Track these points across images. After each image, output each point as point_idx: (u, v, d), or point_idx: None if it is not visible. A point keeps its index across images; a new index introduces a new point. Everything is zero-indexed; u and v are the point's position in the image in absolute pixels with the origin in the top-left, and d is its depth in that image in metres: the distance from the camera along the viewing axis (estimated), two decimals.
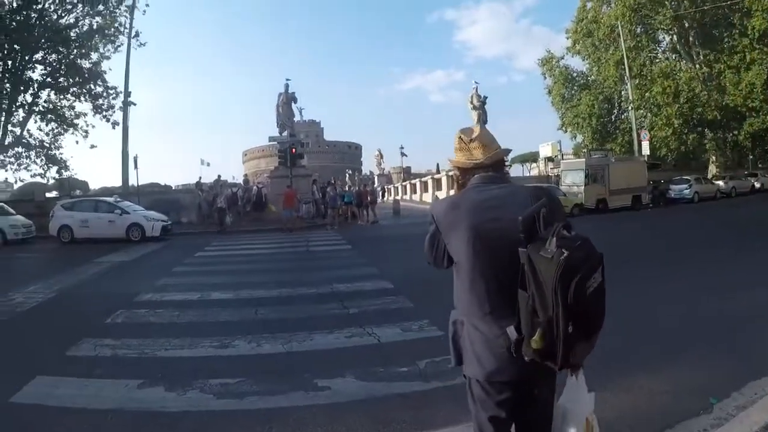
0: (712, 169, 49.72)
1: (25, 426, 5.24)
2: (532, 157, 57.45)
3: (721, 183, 43.30)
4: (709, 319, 8.17)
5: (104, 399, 5.70)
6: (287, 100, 36.88)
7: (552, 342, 2.23)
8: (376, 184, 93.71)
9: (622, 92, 50.32)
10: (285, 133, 36.63)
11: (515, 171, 43.66)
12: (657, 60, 49.48)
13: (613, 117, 54.19)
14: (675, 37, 48.10)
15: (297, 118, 40.24)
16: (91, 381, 6.28)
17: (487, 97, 42.04)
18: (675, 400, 5.22)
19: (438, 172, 56.52)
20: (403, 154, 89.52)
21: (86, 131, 40.02)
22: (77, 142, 40.55)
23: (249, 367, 6.65)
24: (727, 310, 8.63)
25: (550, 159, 61.79)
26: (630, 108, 46.59)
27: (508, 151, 3.06)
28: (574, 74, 56.15)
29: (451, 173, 43.28)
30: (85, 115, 39.85)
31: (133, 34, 37.33)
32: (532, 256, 2.29)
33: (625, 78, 45.57)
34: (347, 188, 37.01)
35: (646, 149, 42.41)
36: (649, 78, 45.67)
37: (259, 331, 8.24)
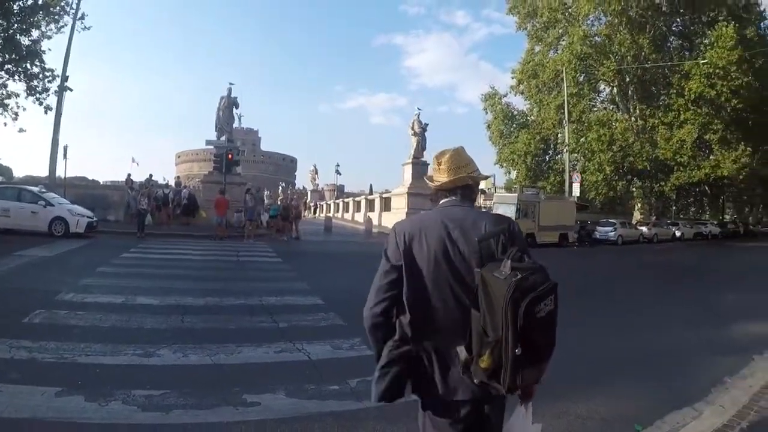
0: (637, 215, 53.37)
1: None
2: None
3: (644, 229, 46.09)
4: (634, 352, 8.56)
5: (19, 406, 5.39)
6: (228, 104, 36.34)
7: (499, 363, 2.28)
8: (308, 199, 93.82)
9: (559, 135, 51.88)
10: (223, 138, 35.94)
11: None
12: (595, 108, 52.46)
13: (547, 157, 56.50)
14: (615, 89, 51.00)
15: (236, 124, 39.71)
16: (6, 386, 5.92)
17: (428, 125, 42.28)
18: (604, 426, 5.51)
19: (371, 193, 56.94)
20: (338, 172, 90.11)
21: (16, 113, 38.14)
22: (5, 124, 38.74)
23: (175, 378, 6.43)
24: (651, 344, 9.12)
25: (482, 191, 62.85)
26: (565, 150, 47.97)
27: (481, 177, 3.04)
28: (515, 113, 58.27)
29: (393, 198, 43.85)
30: (17, 95, 37.98)
31: (79, 15, 35.90)
32: (485, 276, 2.35)
33: (564, 122, 46.95)
34: (278, 201, 36.35)
35: (576, 191, 44.08)
36: (586, 124, 48.09)
37: (185, 340, 8.01)
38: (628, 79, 49.76)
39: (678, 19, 51.40)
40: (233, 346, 7.74)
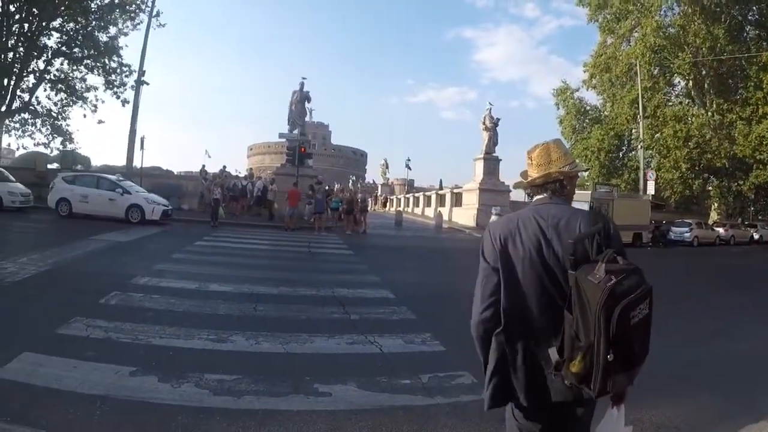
0: (713, 216, 50.44)
1: (5, 403, 4.94)
2: None
3: (721, 230, 43.65)
4: (710, 359, 8.18)
5: (93, 383, 5.43)
6: (301, 98, 36.55)
7: (590, 368, 2.22)
8: (379, 192, 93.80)
9: (633, 131, 50.09)
10: (295, 132, 36.25)
11: (518, 196, 43.42)
12: (670, 103, 49.70)
13: (621, 154, 54.14)
14: (691, 82, 48.17)
15: (307, 118, 39.96)
16: (81, 363, 5.99)
17: (499, 119, 41.63)
18: None
19: (441, 187, 56.40)
20: (408, 167, 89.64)
21: (95, 105, 39.96)
22: (85, 116, 40.69)
23: (247, 364, 6.39)
24: (727, 351, 8.71)
25: None
26: (639, 147, 46.17)
27: (573, 171, 2.91)
28: (588, 108, 56.31)
29: (464, 193, 43.38)
30: (96, 89, 39.72)
31: (154, 13, 36.82)
32: (579, 280, 2.29)
33: (638, 117, 45.33)
34: (339, 194, 36.24)
35: (651, 189, 42.39)
36: (661, 120, 45.58)
37: (258, 328, 8.00)
38: (704, 72, 47.36)
39: (754, 7, 47.77)
40: (305, 335, 7.69)
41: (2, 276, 10.55)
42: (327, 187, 33.79)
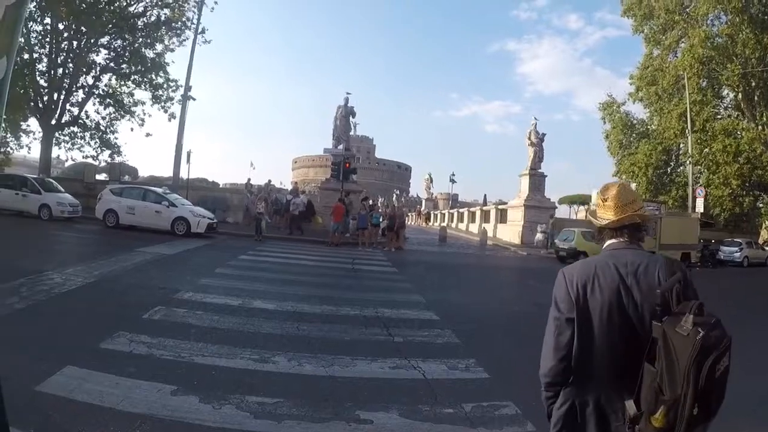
0: (764, 234, 48.56)
1: (47, 418, 4.97)
2: (581, 200, 56.23)
3: None
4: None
5: (135, 401, 5.42)
6: (345, 113, 36.85)
7: (674, 422, 2.14)
8: (423, 207, 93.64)
9: (682, 145, 48.75)
10: (340, 147, 36.65)
11: (562, 212, 42.90)
12: (719, 116, 48.04)
13: (669, 169, 52.39)
14: (740, 94, 46.57)
15: (352, 132, 40.13)
16: (123, 379, 6.00)
17: (545, 134, 41.40)
18: None
19: (485, 203, 56.07)
20: (452, 181, 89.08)
21: (143, 119, 41.31)
22: (132, 129, 41.79)
23: (288, 387, 6.31)
24: None
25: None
26: (688, 162, 44.94)
27: (649, 216, 2.90)
28: (634, 121, 54.92)
29: (509, 210, 42.96)
30: (143, 103, 41.17)
31: (199, 29, 37.93)
32: (667, 332, 2.21)
33: (687, 131, 43.91)
34: (379, 210, 36.05)
35: (700, 206, 40.72)
36: (710, 134, 44.31)
37: (300, 348, 7.92)
38: (753, 84, 45.38)
39: None
40: (348, 358, 7.59)
41: (49, 287, 10.68)
42: (371, 202, 33.75)
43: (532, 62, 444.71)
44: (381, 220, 31.39)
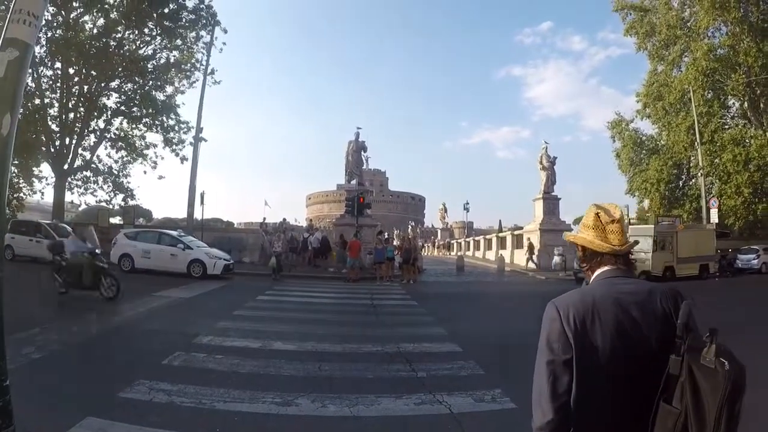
0: None
1: None
2: None
3: None
4: None
5: None
6: (357, 148, 36.84)
7: None
8: (438, 237, 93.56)
9: (692, 158, 48.44)
10: (353, 182, 36.70)
11: (574, 232, 42.68)
12: (727, 126, 48.00)
13: (681, 183, 52.39)
14: (746, 103, 46.46)
15: (364, 166, 40.19)
16: (144, 429, 5.92)
17: (556, 158, 41.27)
18: None
19: (500, 229, 55.84)
20: (466, 209, 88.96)
21: (155, 162, 41.76)
22: (145, 172, 42.21)
23: (313, 430, 6.22)
24: None
25: None
26: (699, 174, 44.58)
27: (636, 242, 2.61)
28: (644, 138, 54.85)
29: (525, 235, 42.60)
30: (155, 146, 41.61)
31: (209, 71, 38.04)
32: (692, 367, 1.96)
33: (696, 144, 43.96)
34: (394, 242, 35.74)
35: (714, 217, 40.95)
36: (719, 144, 44.24)
37: (323, 389, 7.79)
38: (758, 91, 45.30)
39: None
40: (372, 396, 7.45)
41: (66, 335, 10.74)
42: (386, 236, 33.65)
43: (539, 86, 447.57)
44: (395, 253, 31.14)
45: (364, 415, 6.72)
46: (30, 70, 34.39)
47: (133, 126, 40.95)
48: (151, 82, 39.64)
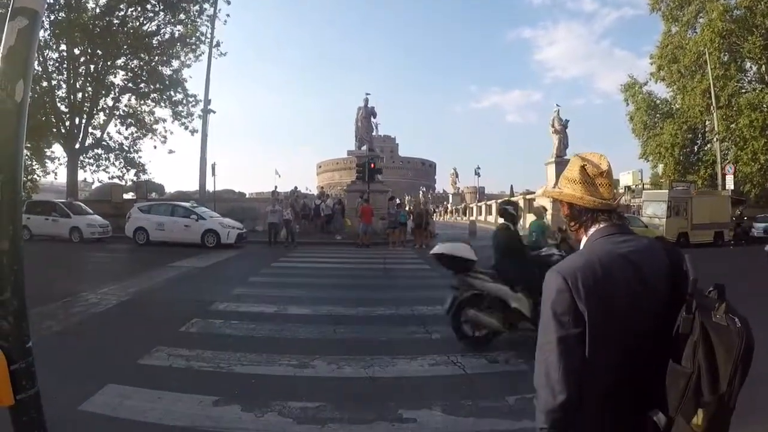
0: None
1: None
2: None
3: None
4: None
5: (178, 414, 5.43)
6: (366, 114, 36.62)
7: (719, 425, 1.84)
8: (450, 202, 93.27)
9: (707, 122, 47.50)
10: (363, 148, 36.56)
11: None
12: (744, 90, 46.66)
13: (696, 148, 51.58)
14: (764, 67, 45.29)
15: (374, 132, 39.95)
16: (165, 393, 6.01)
17: (568, 121, 40.66)
18: None
19: (512, 194, 55.53)
20: (477, 174, 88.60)
21: (165, 137, 41.88)
22: (155, 147, 42.43)
23: (330, 390, 6.28)
24: None
25: (629, 188, 59.96)
26: (715, 140, 43.93)
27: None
28: (658, 101, 53.55)
29: (533, 199, 42.23)
30: (164, 120, 41.64)
31: (214, 43, 37.73)
32: (706, 325, 1.83)
33: (712, 108, 43.07)
34: (405, 207, 35.64)
35: (730, 184, 40.27)
36: (735, 109, 43.39)
37: (339, 351, 7.90)
38: None
39: None
40: (387, 358, 7.55)
41: (85, 307, 10.80)
42: (397, 201, 33.59)
43: (550, 48, 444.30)
44: (407, 218, 31.09)
45: (379, 376, 6.81)
46: (36, 54, 34.92)
47: (142, 102, 41.03)
48: (157, 57, 39.65)
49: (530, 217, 42.35)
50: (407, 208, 34.71)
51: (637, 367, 1.99)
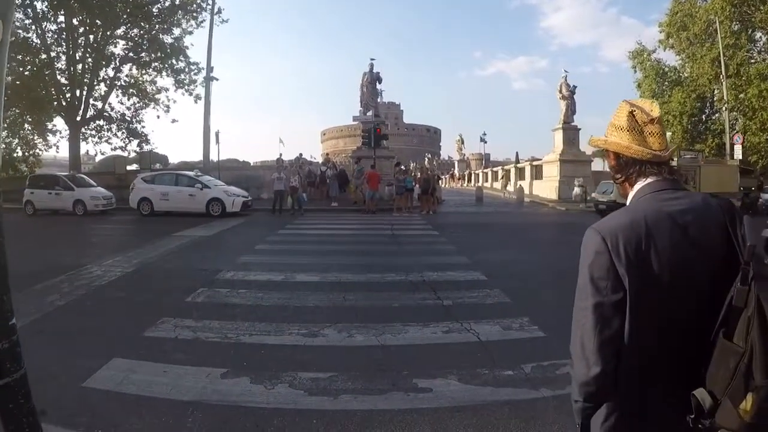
0: None
1: (96, 414, 4.82)
2: None
3: None
4: None
5: (185, 388, 5.27)
6: (371, 79, 36.39)
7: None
8: (456, 169, 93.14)
9: (716, 92, 47.02)
10: (369, 113, 36.40)
11: (596, 166, 41.71)
12: (753, 60, 46.18)
13: (704, 117, 51.38)
14: None
15: (379, 99, 39.70)
16: (171, 366, 5.85)
17: (576, 87, 40.37)
18: None
19: (518, 161, 55.14)
20: (483, 141, 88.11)
21: (167, 106, 42.06)
22: (158, 117, 42.69)
23: (341, 360, 6.13)
24: None
25: None
26: (723, 109, 43.49)
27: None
28: (666, 69, 53.23)
29: (545, 165, 41.95)
30: (166, 90, 42.40)
31: (215, 10, 37.74)
32: (762, 298, 1.57)
33: (721, 77, 42.60)
34: (411, 174, 35.50)
35: (738, 153, 39.79)
36: (745, 79, 42.86)
37: (349, 319, 7.71)
38: None
39: None
40: (399, 325, 7.35)
41: (89, 280, 10.65)
42: (403, 167, 33.44)
43: (555, 15, 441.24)
44: (413, 184, 30.90)
45: (391, 344, 6.64)
46: (33, 26, 35.77)
47: (143, 71, 41.15)
48: (157, 25, 39.64)
49: (537, 184, 42.42)
50: (413, 175, 34.45)
51: (681, 341, 1.78)
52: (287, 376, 5.52)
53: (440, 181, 43.59)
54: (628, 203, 2.02)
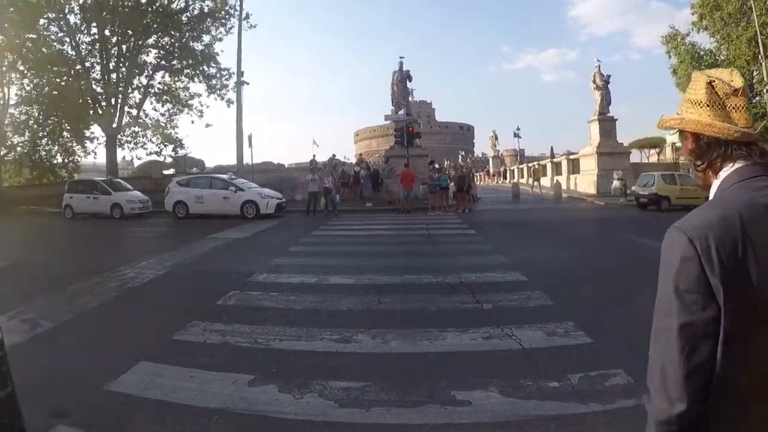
0: None
1: (118, 419, 4.69)
2: (651, 143, 53.65)
3: None
4: None
5: (210, 395, 5.06)
6: (401, 78, 36.40)
7: None
8: (490, 166, 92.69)
9: (755, 73, 44.14)
10: (401, 112, 36.37)
11: (634, 158, 40.98)
12: None
13: None
14: None
15: (410, 98, 39.53)
16: (198, 372, 5.66)
17: (610, 76, 39.72)
18: None
19: (553, 155, 54.37)
20: (517, 136, 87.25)
21: (201, 111, 42.86)
22: (192, 122, 43.98)
23: (374, 368, 5.83)
24: None
25: (676, 146, 58.31)
26: (764, 91, 41.64)
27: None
28: (702, 52, 50.08)
29: (582, 159, 41.28)
30: (199, 95, 42.74)
31: (243, 16, 38.01)
32: None
33: (759, 57, 40.69)
34: (446, 172, 35.20)
35: None
36: None
37: (384, 324, 7.41)
38: None
39: None
40: (436, 330, 7.00)
41: (123, 281, 10.67)
42: (437, 166, 33.15)
43: (583, 4, 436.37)
44: (448, 182, 30.55)
45: (428, 351, 6.30)
46: (68, 39, 38.26)
47: (175, 78, 42.10)
48: (187, 33, 40.60)
49: (573, 178, 41.70)
50: (447, 173, 34.10)
51: None
52: (317, 384, 5.26)
53: (475, 179, 43.23)
54: (711, 196, 1.62)
